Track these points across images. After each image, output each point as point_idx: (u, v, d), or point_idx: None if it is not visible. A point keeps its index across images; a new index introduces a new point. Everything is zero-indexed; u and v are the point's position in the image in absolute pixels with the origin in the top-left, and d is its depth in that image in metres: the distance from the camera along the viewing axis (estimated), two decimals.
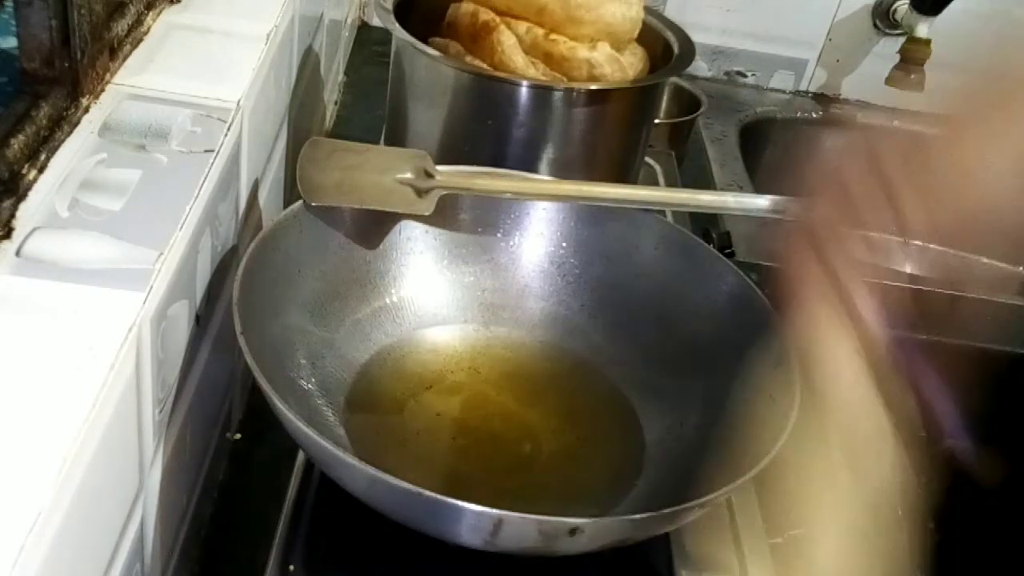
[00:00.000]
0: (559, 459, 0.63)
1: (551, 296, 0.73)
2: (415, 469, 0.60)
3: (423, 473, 0.60)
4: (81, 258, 0.44)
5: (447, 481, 0.61)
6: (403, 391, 0.65)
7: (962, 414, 0.78)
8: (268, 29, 0.66)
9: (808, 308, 0.52)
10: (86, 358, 0.40)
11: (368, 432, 0.62)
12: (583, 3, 0.77)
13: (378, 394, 0.65)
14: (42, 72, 0.50)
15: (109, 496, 0.42)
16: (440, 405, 0.65)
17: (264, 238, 0.60)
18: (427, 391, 0.65)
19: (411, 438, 0.63)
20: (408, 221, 0.70)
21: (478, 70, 0.77)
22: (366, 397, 0.64)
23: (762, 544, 0.65)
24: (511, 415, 0.64)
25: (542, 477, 0.62)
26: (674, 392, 0.66)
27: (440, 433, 0.63)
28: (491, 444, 0.61)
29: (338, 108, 1.13)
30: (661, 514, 0.50)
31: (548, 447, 0.63)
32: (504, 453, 0.62)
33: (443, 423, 0.63)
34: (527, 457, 0.62)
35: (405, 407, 0.64)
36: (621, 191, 0.68)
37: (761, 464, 0.52)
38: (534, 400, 0.66)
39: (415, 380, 0.66)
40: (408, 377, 0.66)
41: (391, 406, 0.64)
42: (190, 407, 0.54)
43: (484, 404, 0.65)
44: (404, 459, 0.61)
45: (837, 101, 1.41)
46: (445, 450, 0.62)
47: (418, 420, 0.64)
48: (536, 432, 0.62)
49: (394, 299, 0.70)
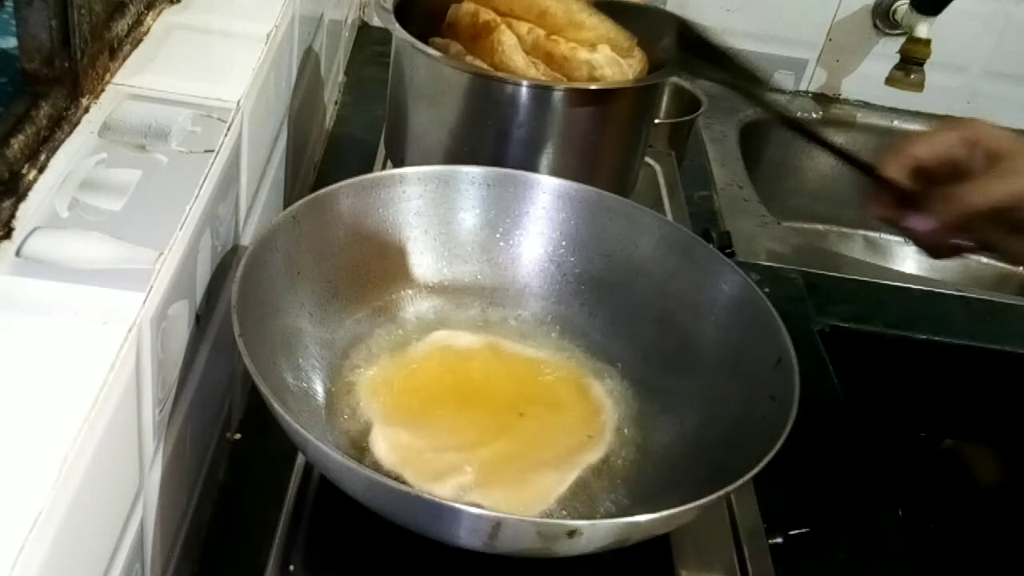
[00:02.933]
0: (558, 459, 0.63)
1: (551, 295, 0.73)
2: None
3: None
4: (81, 258, 0.44)
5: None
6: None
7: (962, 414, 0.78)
8: (268, 29, 0.66)
9: None
10: (86, 358, 0.40)
11: (368, 433, 0.62)
12: (584, 8, 0.77)
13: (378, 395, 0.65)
14: (42, 72, 0.50)
15: (109, 496, 0.42)
16: (440, 405, 0.65)
17: (264, 239, 0.60)
18: (427, 391, 0.65)
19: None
20: (408, 221, 0.70)
21: (478, 70, 0.77)
22: (366, 398, 0.64)
23: (762, 544, 0.65)
24: (511, 415, 0.64)
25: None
26: (674, 392, 0.66)
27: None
28: (491, 444, 0.61)
29: (338, 108, 1.14)
30: (661, 515, 0.50)
31: (548, 447, 0.63)
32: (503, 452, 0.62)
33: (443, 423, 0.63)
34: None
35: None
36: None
37: (761, 464, 0.52)
38: (533, 400, 0.65)
39: (415, 381, 0.66)
40: (408, 378, 0.66)
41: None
42: (190, 407, 0.54)
43: (484, 404, 0.65)
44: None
45: (837, 101, 1.41)
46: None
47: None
48: (536, 432, 0.62)
49: (394, 299, 0.70)
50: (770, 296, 0.65)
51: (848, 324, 0.93)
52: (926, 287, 1.01)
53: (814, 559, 0.67)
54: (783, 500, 0.68)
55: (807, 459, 0.68)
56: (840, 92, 1.41)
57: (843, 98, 1.41)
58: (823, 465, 0.74)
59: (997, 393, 0.95)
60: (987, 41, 1.36)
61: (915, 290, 1.01)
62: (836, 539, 0.69)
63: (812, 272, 0.99)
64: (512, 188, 0.73)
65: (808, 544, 0.67)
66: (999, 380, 0.94)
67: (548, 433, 0.63)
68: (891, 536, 0.69)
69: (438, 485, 0.56)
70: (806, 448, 0.57)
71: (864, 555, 0.68)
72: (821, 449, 0.74)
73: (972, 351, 0.94)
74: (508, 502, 0.57)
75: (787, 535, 0.66)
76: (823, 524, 0.69)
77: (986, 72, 1.38)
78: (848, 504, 0.72)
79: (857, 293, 0.98)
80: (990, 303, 1.00)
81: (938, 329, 0.95)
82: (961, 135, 0.63)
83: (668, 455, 0.63)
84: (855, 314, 0.95)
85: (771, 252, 1.04)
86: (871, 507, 0.72)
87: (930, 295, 1.00)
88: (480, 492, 0.57)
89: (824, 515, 0.70)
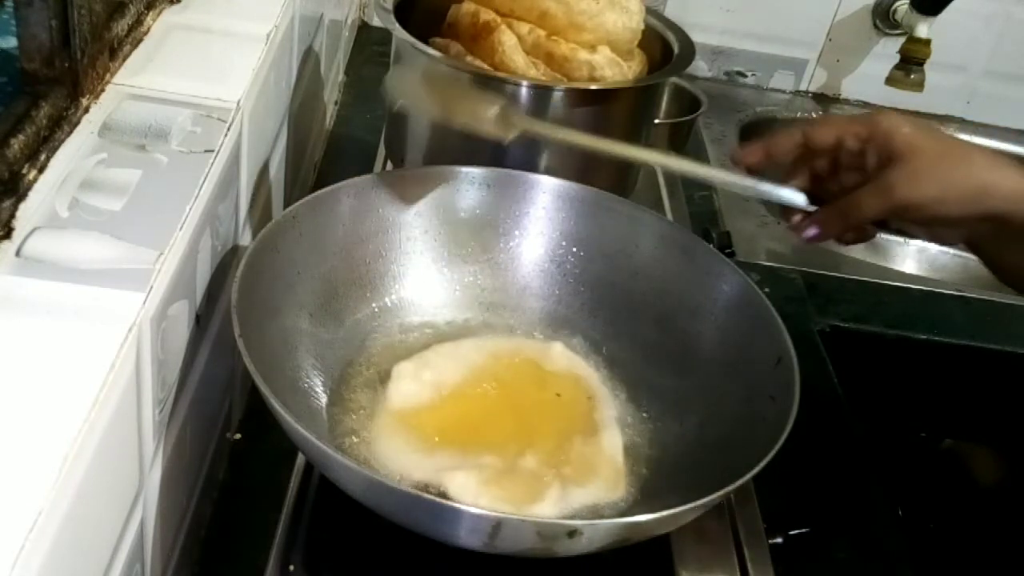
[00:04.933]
0: (558, 459, 0.63)
1: (551, 295, 0.73)
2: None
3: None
4: (81, 258, 0.44)
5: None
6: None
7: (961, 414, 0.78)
8: (268, 29, 0.66)
9: None
10: (86, 358, 0.40)
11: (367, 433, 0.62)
12: (585, 10, 0.77)
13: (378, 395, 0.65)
14: (42, 72, 0.50)
15: (109, 496, 0.42)
16: (440, 405, 0.65)
17: (263, 239, 0.60)
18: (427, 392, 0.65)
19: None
20: (408, 221, 0.70)
21: (478, 70, 0.77)
22: (366, 398, 0.64)
23: (762, 544, 0.65)
24: (510, 415, 0.64)
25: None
26: (674, 392, 0.66)
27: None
28: (490, 444, 0.61)
29: (338, 108, 1.13)
30: (661, 515, 0.50)
31: (547, 447, 0.62)
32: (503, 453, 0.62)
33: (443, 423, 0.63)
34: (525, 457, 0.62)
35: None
36: (703, 170, 0.70)
37: (761, 464, 0.52)
38: (533, 400, 0.65)
39: (415, 381, 0.66)
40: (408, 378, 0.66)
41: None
42: (190, 407, 0.54)
43: (484, 404, 0.64)
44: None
45: (837, 101, 1.41)
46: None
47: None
48: (535, 432, 0.62)
49: (394, 299, 0.70)
50: (770, 296, 0.65)
51: (848, 324, 0.93)
52: (926, 287, 1.01)
53: (814, 559, 0.67)
54: (783, 500, 0.68)
55: (807, 459, 0.68)
56: (840, 92, 1.41)
57: (843, 98, 1.41)
58: (823, 465, 0.74)
59: (997, 393, 0.95)
60: (987, 41, 1.36)
61: (915, 290, 1.01)
62: (836, 539, 0.69)
63: (812, 272, 0.99)
64: (512, 188, 0.73)
65: (808, 544, 0.67)
66: (999, 380, 0.94)
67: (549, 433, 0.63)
68: (891, 536, 0.69)
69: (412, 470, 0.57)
70: (806, 448, 0.57)
71: (864, 555, 0.68)
72: (821, 449, 0.74)
73: (972, 351, 0.94)
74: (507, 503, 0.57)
75: (787, 535, 0.66)
76: (823, 524, 0.69)
77: (986, 72, 1.38)
78: (848, 504, 0.72)
79: (857, 293, 0.98)
80: (990, 303, 0.99)
81: (938, 329, 0.95)
82: (855, 130, 0.63)
83: (668, 455, 0.63)
84: (855, 314, 0.95)
85: (771, 252, 1.04)
86: (871, 507, 0.72)
87: (930, 295, 1.00)
88: (481, 493, 0.57)
89: (824, 515, 0.70)
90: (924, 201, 0.60)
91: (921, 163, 0.60)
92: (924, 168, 0.60)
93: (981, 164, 0.61)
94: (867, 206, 0.62)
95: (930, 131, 0.62)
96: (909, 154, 0.61)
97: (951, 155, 0.61)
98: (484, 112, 0.66)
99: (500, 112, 0.66)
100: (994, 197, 0.60)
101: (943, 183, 0.60)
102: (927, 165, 0.60)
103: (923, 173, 0.60)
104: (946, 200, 0.60)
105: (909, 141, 0.61)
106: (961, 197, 0.60)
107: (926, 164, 0.60)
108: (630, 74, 0.80)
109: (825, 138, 0.65)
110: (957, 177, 0.60)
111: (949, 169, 0.60)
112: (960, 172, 0.60)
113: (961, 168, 0.60)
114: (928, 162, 0.60)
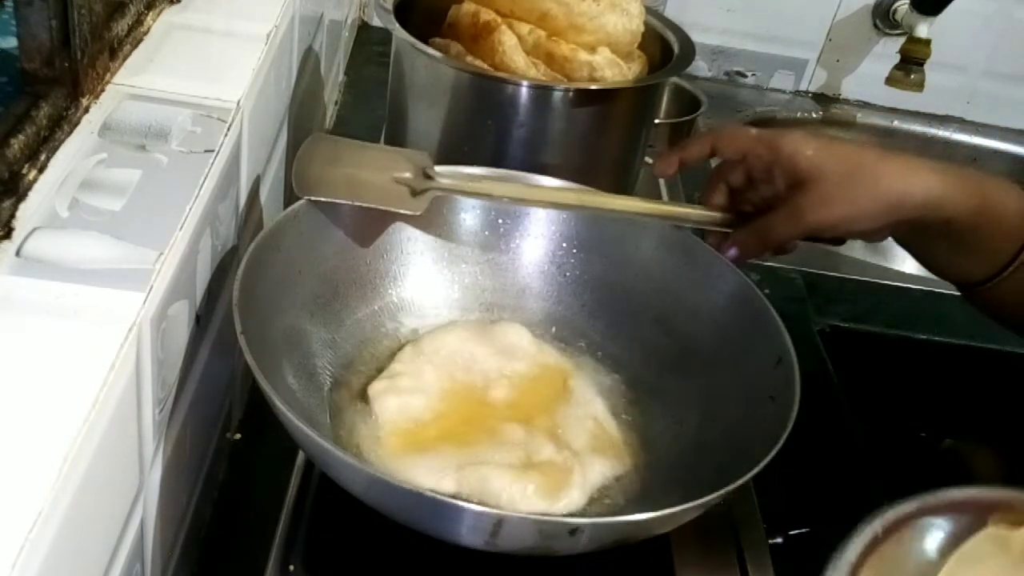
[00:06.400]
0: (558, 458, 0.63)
1: (551, 296, 0.73)
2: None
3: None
4: (81, 258, 0.44)
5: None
6: None
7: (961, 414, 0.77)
8: (268, 29, 0.66)
9: None
10: (86, 358, 0.40)
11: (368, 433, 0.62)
12: (585, 11, 0.77)
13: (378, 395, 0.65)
14: (42, 72, 0.50)
15: (109, 496, 0.42)
16: (441, 406, 0.65)
17: (264, 238, 0.60)
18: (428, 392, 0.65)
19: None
20: (408, 221, 0.70)
21: (478, 70, 0.77)
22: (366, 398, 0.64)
23: (762, 544, 0.65)
24: (510, 415, 0.64)
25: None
26: (674, 392, 0.66)
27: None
28: (490, 444, 0.61)
29: (338, 108, 1.14)
30: (661, 514, 0.50)
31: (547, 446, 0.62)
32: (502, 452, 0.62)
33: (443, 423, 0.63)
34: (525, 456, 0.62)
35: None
36: (620, 202, 0.69)
37: (761, 464, 0.52)
38: (533, 400, 0.65)
39: (415, 381, 0.66)
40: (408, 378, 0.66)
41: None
42: (190, 407, 0.54)
43: (484, 404, 0.65)
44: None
45: (837, 101, 1.41)
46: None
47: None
48: (535, 432, 0.62)
49: (394, 299, 0.70)
50: (770, 296, 0.65)
51: (848, 324, 0.93)
52: (926, 287, 1.01)
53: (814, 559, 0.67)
54: (783, 500, 0.68)
55: (807, 459, 0.68)
56: (840, 92, 1.41)
57: (843, 98, 1.41)
58: (823, 465, 0.74)
59: (997, 393, 0.95)
60: (987, 41, 1.36)
61: (915, 290, 1.01)
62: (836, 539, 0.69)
63: (812, 272, 0.99)
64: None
65: (808, 544, 0.67)
66: (999, 380, 0.94)
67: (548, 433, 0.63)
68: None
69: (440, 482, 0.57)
70: (806, 448, 0.57)
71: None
72: (821, 449, 0.74)
73: (972, 351, 0.94)
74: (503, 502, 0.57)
75: (787, 535, 0.66)
76: (823, 524, 0.69)
77: (986, 72, 1.38)
78: (848, 504, 0.72)
79: (857, 293, 0.98)
80: None
81: (938, 329, 0.95)
82: (760, 152, 0.63)
83: (668, 455, 0.63)
84: (855, 314, 0.95)
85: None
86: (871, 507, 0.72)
87: (930, 295, 1.00)
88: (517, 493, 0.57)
89: (824, 515, 0.70)
90: (835, 222, 0.61)
91: (827, 186, 0.60)
92: (831, 191, 0.60)
93: (891, 176, 0.60)
94: (781, 230, 0.63)
95: (835, 149, 0.62)
96: (816, 177, 0.60)
97: (858, 173, 0.60)
98: (399, 174, 0.66)
99: (414, 173, 0.66)
100: (905, 207, 0.60)
101: (852, 204, 0.60)
102: (834, 187, 0.60)
103: (831, 196, 0.60)
104: (858, 218, 0.60)
105: (814, 163, 0.61)
106: (872, 213, 0.60)
107: (832, 186, 0.60)
108: (630, 75, 0.80)
109: (731, 150, 0.65)
110: (866, 196, 0.60)
111: (857, 189, 0.60)
112: (868, 190, 0.60)
113: (869, 185, 0.60)
114: (834, 184, 0.60)
